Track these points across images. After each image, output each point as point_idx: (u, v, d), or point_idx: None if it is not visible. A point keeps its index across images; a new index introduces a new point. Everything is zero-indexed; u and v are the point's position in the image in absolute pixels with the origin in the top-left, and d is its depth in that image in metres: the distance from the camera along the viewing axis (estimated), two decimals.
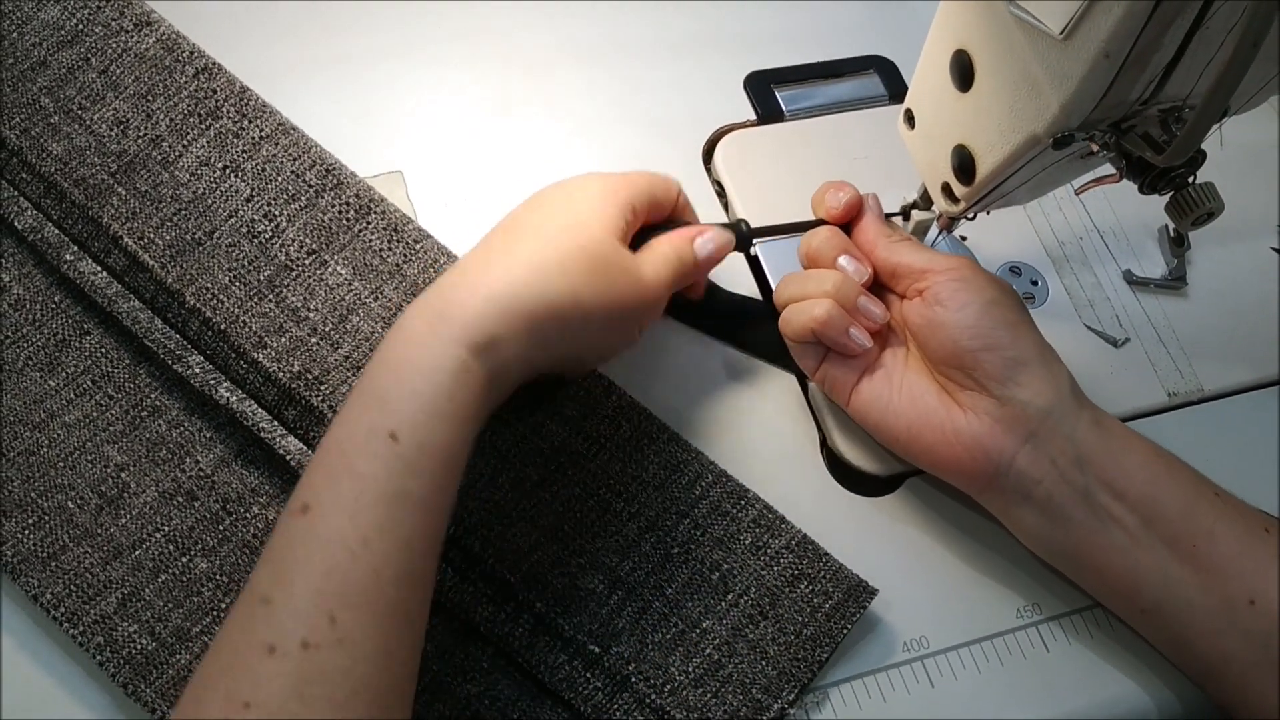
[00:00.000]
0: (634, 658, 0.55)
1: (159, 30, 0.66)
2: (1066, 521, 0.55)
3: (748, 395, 0.63)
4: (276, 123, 0.64)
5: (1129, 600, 0.56)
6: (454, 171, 0.68)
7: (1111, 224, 0.70)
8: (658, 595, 0.56)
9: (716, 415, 0.63)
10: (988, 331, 0.55)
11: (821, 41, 0.75)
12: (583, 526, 0.57)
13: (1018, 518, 0.57)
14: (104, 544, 0.55)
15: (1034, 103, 0.50)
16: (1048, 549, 0.57)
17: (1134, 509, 0.54)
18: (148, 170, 0.62)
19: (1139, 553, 0.54)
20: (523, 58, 0.72)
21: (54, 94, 0.64)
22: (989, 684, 0.57)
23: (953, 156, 0.57)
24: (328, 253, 0.62)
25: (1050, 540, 0.57)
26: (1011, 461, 0.55)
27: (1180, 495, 0.55)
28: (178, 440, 0.58)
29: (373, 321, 0.60)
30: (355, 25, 0.71)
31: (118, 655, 0.53)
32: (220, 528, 0.56)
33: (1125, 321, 0.67)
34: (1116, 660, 0.58)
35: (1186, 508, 0.55)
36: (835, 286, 0.58)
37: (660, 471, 0.59)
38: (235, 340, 0.59)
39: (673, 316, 0.65)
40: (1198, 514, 0.55)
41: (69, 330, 0.60)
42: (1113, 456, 0.55)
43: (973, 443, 0.56)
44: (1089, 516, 0.55)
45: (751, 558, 0.57)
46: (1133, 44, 0.46)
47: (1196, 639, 0.55)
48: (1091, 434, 0.55)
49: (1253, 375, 0.67)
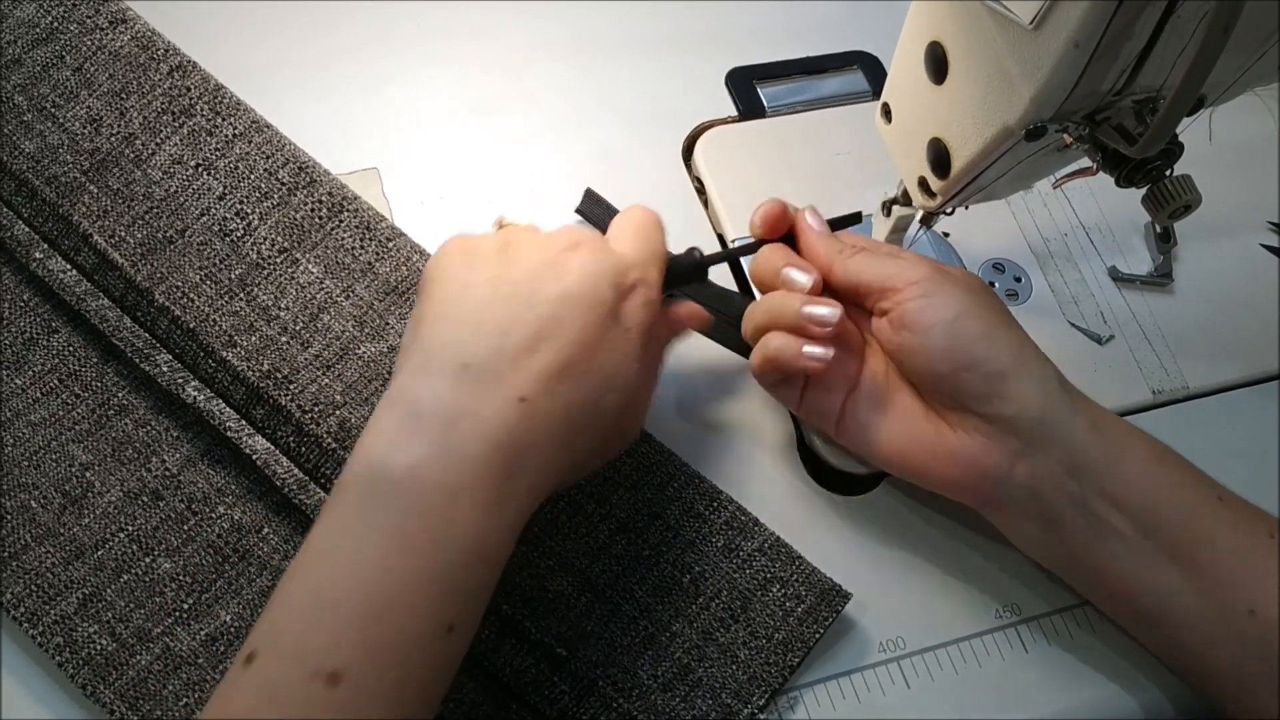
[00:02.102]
0: (602, 661, 0.54)
1: (134, 28, 0.65)
2: (1065, 530, 0.53)
3: (723, 393, 0.63)
4: (250, 120, 0.64)
5: (1128, 607, 0.55)
6: (430, 169, 0.67)
7: (1097, 220, 0.69)
8: (627, 598, 0.55)
9: (691, 414, 0.62)
10: (960, 350, 0.53)
11: (805, 37, 0.75)
12: (552, 528, 0.56)
13: (1019, 529, 0.55)
14: (66, 544, 0.54)
15: (1006, 94, 0.49)
16: (1047, 556, 0.56)
17: (1133, 518, 0.52)
18: (120, 168, 0.62)
19: (1137, 561, 0.53)
20: (501, 54, 0.72)
21: (27, 91, 0.63)
22: (966, 685, 0.56)
23: (928, 150, 0.56)
24: (299, 251, 0.61)
25: (1049, 548, 0.55)
26: (1009, 476, 0.53)
27: (1181, 502, 0.53)
28: (144, 439, 0.57)
29: (343, 320, 0.59)
30: (331, 22, 0.71)
31: (77, 656, 0.52)
32: (185, 528, 0.56)
33: (1110, 319, 0.66)
34: (1096, 662, 0.57)
35: (1187, 515, 0.53)
36: (768, 312, 0.55)
37: (632, 473, 0.58)
38: (204, 339, 0.58)
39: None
40: (1198, 521, 0.53)
41: (36, 328, 0.59)
42: (1111, 464, 0.53)
43: (968, 462, 0.53)
44: (1087, 526, 0.53)
45: (723, 560, 0.56)
46: (1102, 33, 0.45)
47: (1195, 647, 0.53)
48: (1089, 438, 0.53)
49: (1239, 373, 0.65)
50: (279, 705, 0.42)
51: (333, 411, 0.57)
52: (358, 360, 0.59)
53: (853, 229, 0.60)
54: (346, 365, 0.58)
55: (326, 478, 0.56)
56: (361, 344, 0.59)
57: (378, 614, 0.43)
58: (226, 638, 0.54)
